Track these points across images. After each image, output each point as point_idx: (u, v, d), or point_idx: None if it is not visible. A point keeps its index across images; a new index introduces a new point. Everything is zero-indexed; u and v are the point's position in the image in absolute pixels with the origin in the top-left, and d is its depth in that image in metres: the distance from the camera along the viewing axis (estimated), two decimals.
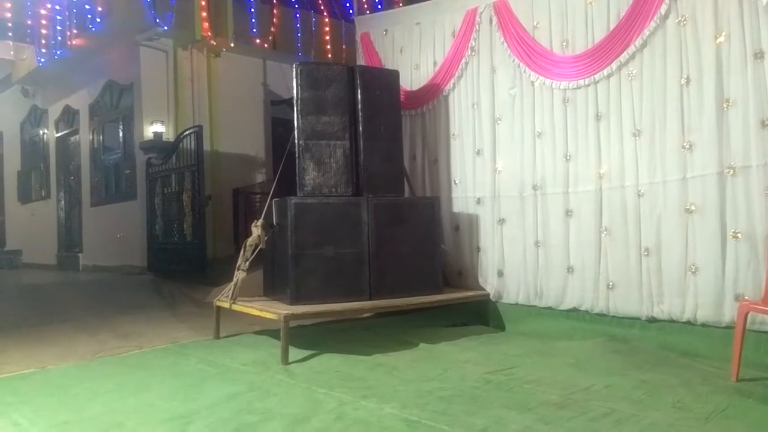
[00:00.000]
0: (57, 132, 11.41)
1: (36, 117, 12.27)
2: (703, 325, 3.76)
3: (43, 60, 10.58)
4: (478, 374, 3.45)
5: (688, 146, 3.83)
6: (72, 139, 11.06)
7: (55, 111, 11.38)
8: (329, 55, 9.89)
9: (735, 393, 2.95)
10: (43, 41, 10.54)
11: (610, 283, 4.24)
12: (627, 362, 3.60)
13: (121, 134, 9.45)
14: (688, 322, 3.84)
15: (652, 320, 4.03)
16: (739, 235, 3.60)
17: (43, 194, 12.03)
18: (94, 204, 10.16)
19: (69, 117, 10.97)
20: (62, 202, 11.44)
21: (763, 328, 3.45)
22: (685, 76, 3.84)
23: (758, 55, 3.51)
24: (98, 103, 9.94)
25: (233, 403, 3.03)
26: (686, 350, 3.75)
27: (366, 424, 2.68)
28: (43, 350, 4.40)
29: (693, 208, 3.80)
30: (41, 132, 12.12)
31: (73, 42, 9.80)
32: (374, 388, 3.23)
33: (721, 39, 3.67)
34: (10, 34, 10.95)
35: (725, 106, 3.66)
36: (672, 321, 3.93)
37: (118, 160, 9.65)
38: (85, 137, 10.41)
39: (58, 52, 10.19)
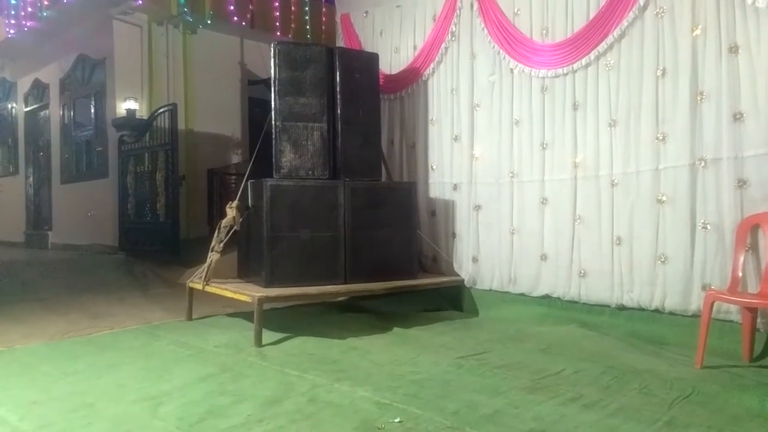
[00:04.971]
0: (26, 106, 11.10)
1: (4, 90, 11.91)
2: (671, 313, 3.85)
3: (12, 31, 10.25)
4: (450, 359, 3.48)
5: (661, 137, 3.88)
6: (41, 114, 10.77)
7: (24, 84, 11.06)
8: (308, 36, 9.75)
9: (699, 380, 3.03)
10: (13, 12, 10.20)
11: (582, 271, 4.30)
12: (596, 348, 3.67)
13: (92, 110, 9.23)
14: (657, 310, 3.93)
15: (622, 308, 4.11)
16: (708, 226, 3.67)
17: (11, 170, 11.73)
18: (64, 181, 9.94)
19: (39, 91, 10.67)
20: (31, 179, 11.16)
21: (728, 317, 3.54)
22: (661, 68, 3.88)
23: (733, 49, 3.56)
24: (69, 77, 9.68)
25: (205, 384, 3.02)
26: (654, 338, 3.84)
27: (339, 406, 2.69)
28: (11, 329, 4.32)
29: (664, 198, 3.87)
30: (9, 106, 11.78)
31: (44, 14, 9.50)
32: (347, 371, 3.24)
33: (698, 32, 3.71)
34: None
35: (699, 98, 3.71)
36: (641, 309, 4.01)
37: (89, 137, 9.43)
38: (55, 112, 10.15)
39: (28, 24, 9.87)
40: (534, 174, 4.61)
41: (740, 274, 3.45)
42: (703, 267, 3.69)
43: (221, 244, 4.59)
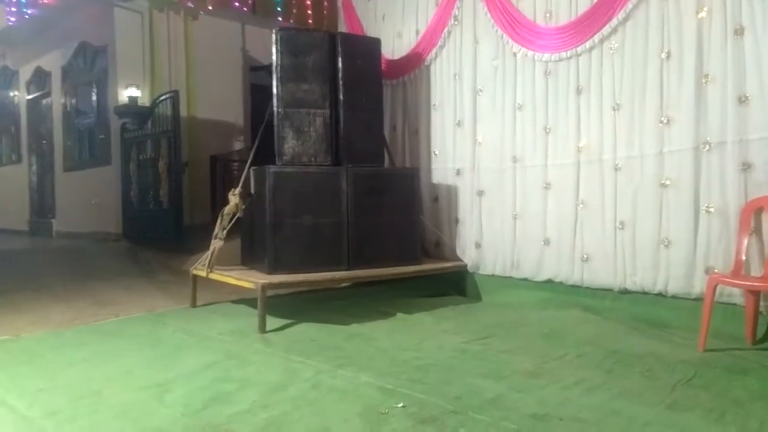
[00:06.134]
0: (28, 94, 11.09)
1: (6, 78, 11.89)
2: (674, 297, 3.85)
3: (13, 19, 10.21)
4: (454, 344, 3.50)
5: (665, 121, 3.85)
6: (44, 101, 10.76)
7: (26, 72, 11.03)
8: (310, 21, 9.69)
9: (701, 363, 3.04)
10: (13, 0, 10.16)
11: (585, 256, 4.30)
12: (599, 332, 3.68)
13: (94, 98, 9.21)
14: (660, 294, 3.92)
15: (625, 292, 4.11)
16: (711, 209, 3.66)
17: (13, 158, 11.74)
18: (67, 169, 9.95)
19: (41, 79, 10.65)
20: (34, 167, 11.18)
21: (731, 301, 3.54)
22: (666, 51, 3.84)
23: (738, 31, 3.51)
24: (71, 65, 9.66)
25: (210, 371, 3.04)
26: (656, 321, 3.84)
27: (342, 392, 2.71)
28: (17, 318, 4.34)
29: (668, 182, 3.85)
30: (12, 94, 11.76)
31: (45, 1, 9.45)
32: (351, 357, 3.26)
33: (703, 14, 3.66)
34: None
35: (704, 81, 3.67)
36: (644, 293, 4.01)
37: (91, 125, 9.42)
38: (57, 100, 10.13)
39: (29, 12, 9.83)
40: (537, 159, 4.59)
41: (744, 258, 3.45)
42: (706, 250, 3.68)
43: (224, 231, 4.60)
